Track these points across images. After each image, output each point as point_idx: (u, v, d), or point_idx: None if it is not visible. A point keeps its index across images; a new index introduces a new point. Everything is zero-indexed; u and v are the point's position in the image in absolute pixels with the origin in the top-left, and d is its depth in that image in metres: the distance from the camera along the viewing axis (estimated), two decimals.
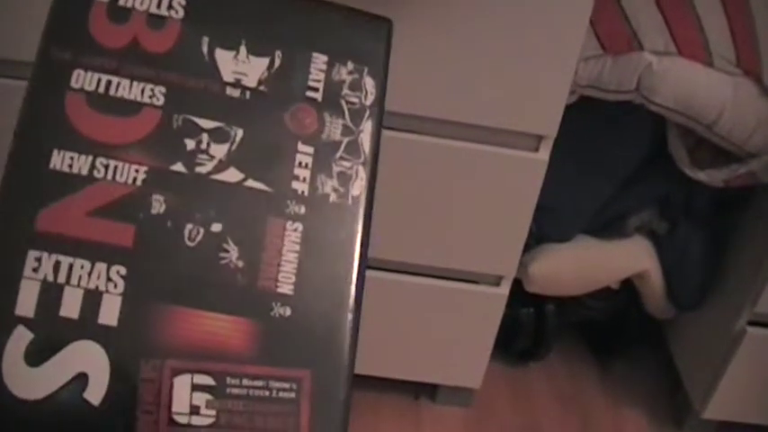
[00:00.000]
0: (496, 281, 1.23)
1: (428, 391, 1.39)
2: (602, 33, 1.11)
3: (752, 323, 1.29)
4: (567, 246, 1.32)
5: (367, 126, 0.52)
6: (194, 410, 0.45)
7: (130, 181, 0.47)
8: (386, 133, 1.06)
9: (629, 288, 1.41)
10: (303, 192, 0.50)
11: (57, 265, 0.45)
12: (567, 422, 1.42)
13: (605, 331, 1.55)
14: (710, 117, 1.11)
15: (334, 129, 0.51)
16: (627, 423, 1.44)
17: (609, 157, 1.27)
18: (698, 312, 1.41)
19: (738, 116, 1.10)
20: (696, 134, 1.18)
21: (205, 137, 0.49)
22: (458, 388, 1.35)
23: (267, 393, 0.46)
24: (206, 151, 0.48)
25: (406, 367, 1.31)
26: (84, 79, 0.48)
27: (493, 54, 1.02)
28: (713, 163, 1.21)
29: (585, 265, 1.34)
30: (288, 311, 0.48)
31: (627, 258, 1.35)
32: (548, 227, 1.28)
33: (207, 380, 0.45)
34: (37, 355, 0.44)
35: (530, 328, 1.46)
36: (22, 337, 0.44)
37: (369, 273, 1.18)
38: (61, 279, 0.45)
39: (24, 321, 0.44)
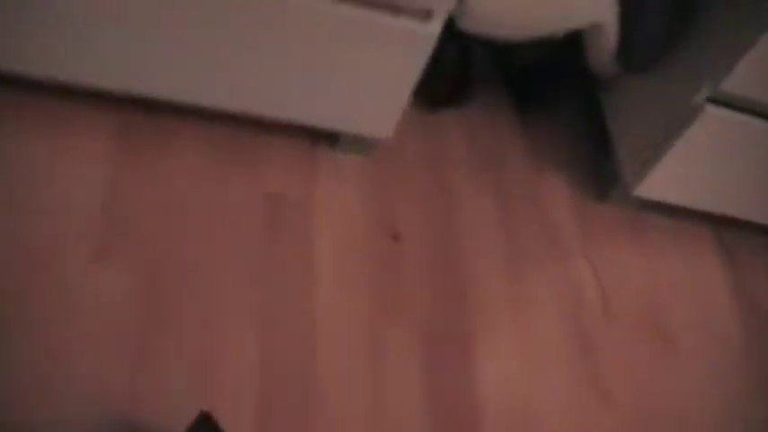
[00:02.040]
0: (426, 15, 0.99)
1: (327, 137, 1.17)
2: None
3: (711, 99, 1.11)
4: None
5: None
6: None
7: None
8: None
9: (572, 37, 1.19)
10: None
11: None
12: (480, 180, 1.24)
13: (533, 82, 1.35)
14: None
15: None
16: (544, 188, 1.28)
17: None
18: (646, 77, 1.22)
19: None
20: None
21: None
22: (362, 136, 1.14)
23: None
24: None
25: (305, 109, 1.08)
26: None
27: None
28: None
29: (536, 4, 1.10)
30: None
31: (584, 3, 1.12)
32: None
33: None
34: None
35: (453, 71, 1.24)
36: None
37: None
38: None
39: None
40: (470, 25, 1.11)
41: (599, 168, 1.32)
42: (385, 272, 1.08)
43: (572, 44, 1.21)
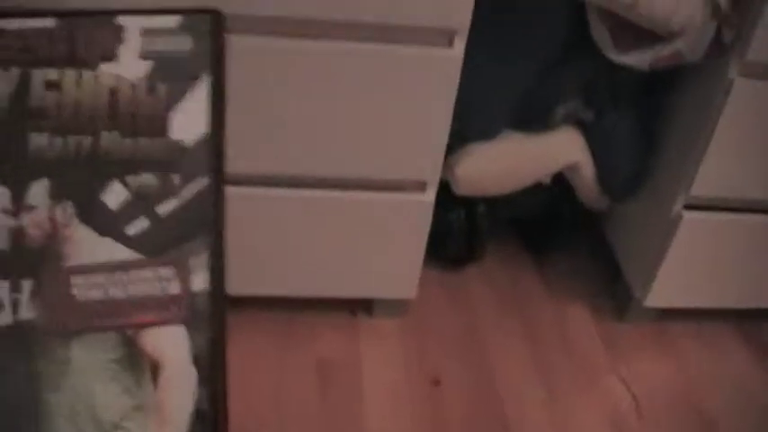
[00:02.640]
0: (421, 187, 1.18)
1: (364, 305, 1.34)
2: None
3: (688, 207, 1.26)
4: (493, 143, 1.27)
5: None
6: None
7: None
8: (295, 42, 1.00)
9: (560, 181, 1.37)
10: None
11: None
12: (508, 322, 1.39)
13: (540, 227, 1.51)
14: None
15: None
16: (569, 318, 1.42)
17: (527, 45, 1.21)
18: (633, 201, 1.38)
19: None
20: (616, 16, 1.12)
21: None
22: (394, 300, 1.32)
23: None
24: None
25: (339, 285, 1.26)
26: None
27: None
28: (637, 45, 1.15)
29: (514, 161, 1.29)
30: None
31: (556, 151, 1.30)
32: (471, 125, 1.22)
33: None
34: None
35: (462, 231, 1.41)
36: None
37: (291, 192, 1.12)
38: None
39: None
40: (464, 190, 1.30)
41: (614, 289, 1.45)
42: (429, 415, 1.21)
43: (565, 186, 1.39)
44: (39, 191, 0.37)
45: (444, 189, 1.24)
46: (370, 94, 1.06)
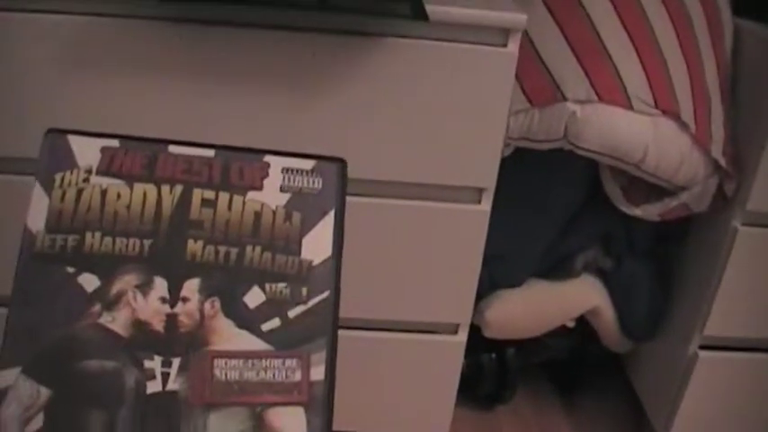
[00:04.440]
0: (454, 329, 1.27)
1: None
2: (527, 88, 1.18)
3: (703, 347, 1.34)
4: (519, 290, 1.37)
5: None
6: None
7: None
8: (353, 199, 1.12)
9: (584, 325, 1.46)
10: None
11: None
12: None
13: (567, 368, 1.60)
14: (636, 156, 1.17)
15: None
16: None
17: (549, 201, 1.33)
18: (652, 342, 1.46)
19: (662, 153, 1.17)
20: (627, 173, 1.24)
21: None
22: None
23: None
24: None
25: (373, 421, 1.34)
26: None
27: (429, 116, 1.08)
28: (647, 198, 1.27)
29: (538, 307, 1.39)
30: None
31: (577, 297, 1.40)
32: (499, 274, 1.33)
33: None
34: None
35: (493, 372, 1.50)
36: None
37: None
38: None
39: None
40: (493, 333, 1.39)
41: (638, 426, 1.52)
42: None
43: (589, 330, 1.49)
44: (192, 287, 0.45)
45: (476, 332, 1.33)
46: (409, 245, 1.17)
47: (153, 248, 0.47)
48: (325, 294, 0.47)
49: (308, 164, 0.49)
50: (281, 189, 0.49)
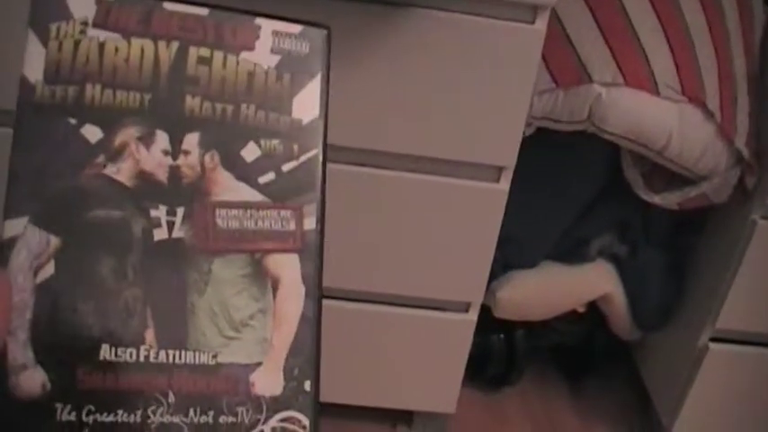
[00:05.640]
0: (465, 307, 1.27)
1: (404, 418, 1.42)
2: (553, 68, 1.17)
3: (714, 339, 1.34)
4: (532, 272, 1.37)
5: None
6: None
7: None
8: (353, 168, 1.12)
9: (595, 311, 1.46)
10: None
11: None
12: None
13: (575, 353, 1.59)
14: (660, 143, 1.16)
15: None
16: None
17: (568, 184, 1.32)
18: (662, 332, 1.46)
19: (686, 141, 1.16)
20: (649, 160, 1.23)
21: None
22: (433, 414, 1.39)
23: None
24: None
25: (381, 395, 1.34)
26: None
27: (452, 90, 1.08)
28: (667, 187, 1.26)
29: (551, 289, 1.38)
30: None
31: (590, 282, 1.39)
32: (513, 255, 1.33)
33: None
34: None
35: (501, 354, 1.50)
36: None
37: (344, 304, 1.22)
38: None
39: None
40: (504, 314, 1.39)
41: (643, 415, 1.52)
42: None
43: (599, 317, 1.48)
44: (192, 140, 0.48)
45: (486, 312, 1.33)
46: (425, 220, 1.17)
47: (153, 102, 0.49)
48: (314, 152, 0.51)
49: (296, 28, 0.52)
50: (272, 51, 0.51)
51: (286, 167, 0.50)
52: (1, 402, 0.44)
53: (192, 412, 0.47)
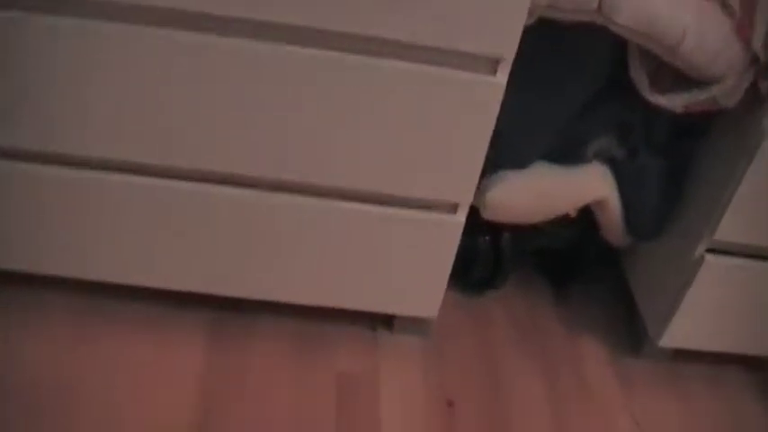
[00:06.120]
0: (453, 208, 1.20)
1: (385, 321, 1.37)
2: None
3: (710, 250, 1.28)
4: (524, 172, 1.30)
5: None
6: None
7: None
8: (338, 55, 1.03)
9: (586, 216, 1.39)
10: None
11: None
12: (526, 351, 1.41)
13: (562, 259, 1.54)
14: (674, 39, 1.08)
15: None
16: (584, 351, 1.44)
17: (567, 82, 1.24)
18: (655, 241, 1.40)
19: (701, 38, 1.08)
20: (657, 58, 1.15)
21: None
22: (415, 318, 1.34)
23: None
24: None
25: (362, 298, 1.28)
26: None
27: None
28: (673, 88, 1.18)
29: (543, 191, 1.31)
30: None
31: (585, 185, 1.33)
32: (505, 153, 1.25)
33: None
34: None
35: (487, 256, 1.44)
36: None
37: (324, 202, 1.15)
38: None
39: None
40: (492, 215, 1.32)
41: (630, 325, 1.47)
42: None
43: (590, 222, 1.42)
44: None
45: (473, 214, 1.26)
46: (413, 113, 1.09)
47: None
48: None
49: None
50: None
51: None
52: None
53: None
